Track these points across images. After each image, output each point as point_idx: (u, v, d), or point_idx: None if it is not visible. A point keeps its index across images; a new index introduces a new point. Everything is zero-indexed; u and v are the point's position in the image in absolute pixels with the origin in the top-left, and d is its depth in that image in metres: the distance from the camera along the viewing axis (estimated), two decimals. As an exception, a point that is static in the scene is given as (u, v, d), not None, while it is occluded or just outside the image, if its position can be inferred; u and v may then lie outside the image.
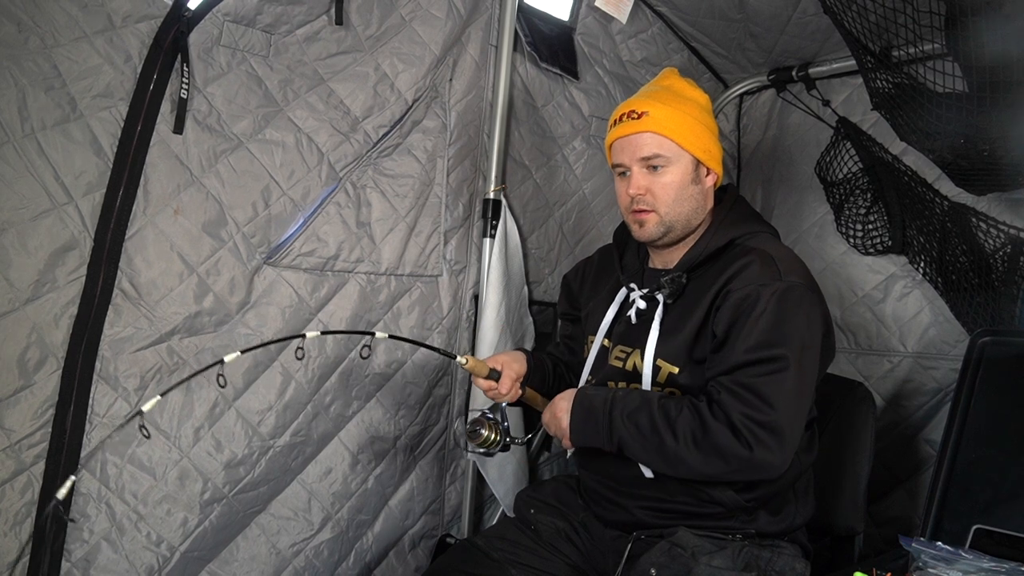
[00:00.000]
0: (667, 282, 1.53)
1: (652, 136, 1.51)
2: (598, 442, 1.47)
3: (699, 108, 1.57)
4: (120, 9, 1.48)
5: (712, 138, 1.57)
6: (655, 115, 1.51)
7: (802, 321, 1.40)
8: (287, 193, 1.76)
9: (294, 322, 1.79)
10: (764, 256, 1.46)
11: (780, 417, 1.33)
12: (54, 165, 1.43)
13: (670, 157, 1.51)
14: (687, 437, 1.37)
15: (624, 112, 1.55)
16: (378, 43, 1.88)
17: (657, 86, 1.62)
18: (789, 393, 1.35)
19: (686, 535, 1.43)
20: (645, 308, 1.57)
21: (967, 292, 2.05)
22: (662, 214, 1.52)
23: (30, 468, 1.46)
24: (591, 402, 1.49)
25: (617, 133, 1.56)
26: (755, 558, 1.43)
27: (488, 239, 2.15)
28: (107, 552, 1.57)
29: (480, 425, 1.60)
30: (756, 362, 1.36)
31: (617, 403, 1.45)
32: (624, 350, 1.59)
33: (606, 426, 1.45)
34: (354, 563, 2.00)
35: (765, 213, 2.71)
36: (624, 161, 1.55)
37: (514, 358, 1.66)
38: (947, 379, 2.16)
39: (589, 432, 1.47)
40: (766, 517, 1.50)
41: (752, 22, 2.31)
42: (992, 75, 1.43)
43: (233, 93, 1.65)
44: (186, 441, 1.65)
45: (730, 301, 1.42)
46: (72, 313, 1.48)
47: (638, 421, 1.42)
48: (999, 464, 1.67)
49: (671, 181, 1.52)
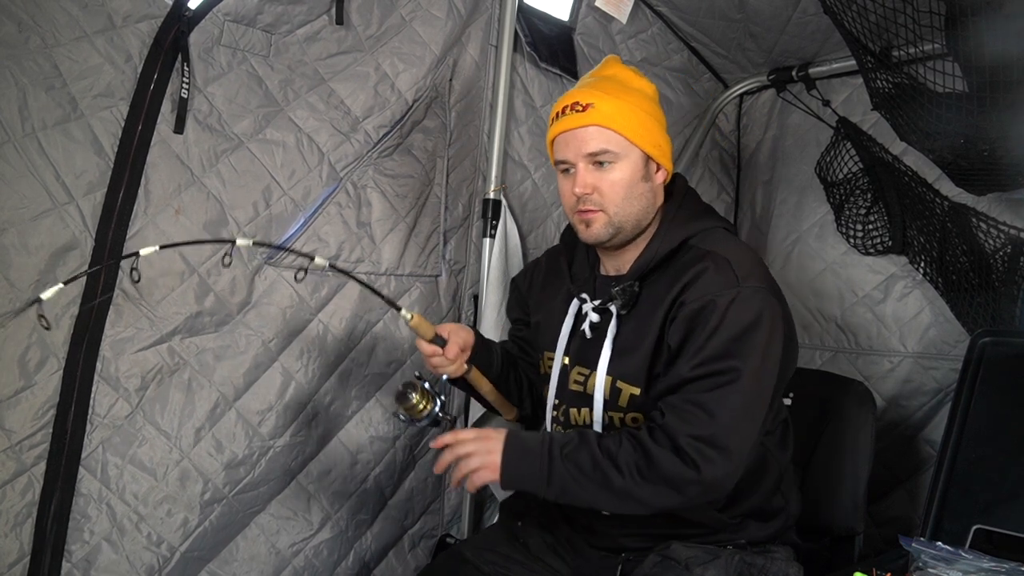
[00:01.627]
0: (618, 293, 1.44)
1: (598, 130, 1.40)
2: (533, 485, 1.33)
3: (647, 100, 1.46)
4: (120, 9, 1.48)
5: (661, 131, 1.47)
6: (601, 107, 1.39)
7: (760, 329, 1.32)
8: (288, 193, 1.76)
9: (294, 322, 1.79)
10: (719, 261, 1.37)
11: (725, 430, 1.27)
12: (55, 165, 1.43)
13: (618, 153, 1.40)
14: (632, 470, 1.29)
15: (567, 104, 1.43)
16: (378, 43, 1.88)
17: (599, 76, 1.49)
18: (738, 406, 1.29)
19: (678, 547, 1.39)
20: (599, 321, 1.48)
21: (967, 292, 2.04)
22: (611, 214, 1.42)
23: (31, 469, 1.46)
24: (525, 443, 1.36)
25: (560, 127, 1.43)
26: (748, 566, 1.40)
27: (488, 239, 2.14)
28: (107, 552, 1.57)
29: (412, 388, 1.47)
30: (705, 375, 1.30)
31: (555, 442, 1.34)
32: (582, 372, 1.50)
33: (545, 465, 1.32)
34: (354, 563, 2.00)
35: (765, 213, 2.71)
36: (568, 157, 1.43)
37: (464, 331, 1.56)
38: (947, 379, 2.16)
39: (524, 473, 1.34)
40: (756, 525, 1.46)
41: (752, 22, 2.31)
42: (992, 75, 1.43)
43: (234, 93, 1.65)
44: (187, 441, 1.65)
45: (684, 313, 1.34)
46: (73, 313, 1.48)
47: (578, 461, 1.31)
48: (999, 464, 1.67)
49: (620, 178, 1.41)
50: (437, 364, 1.53)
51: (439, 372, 1.53)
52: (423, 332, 1.49)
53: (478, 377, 1.61)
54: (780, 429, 1.53)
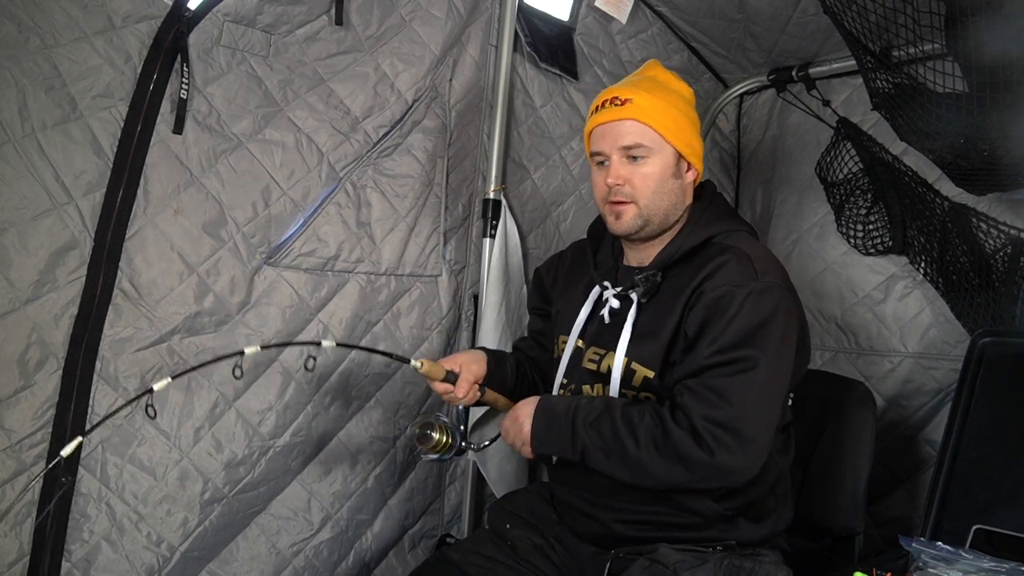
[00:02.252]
0: (641, 280, 1.48)
1: (635, 124, 1.45)
2: (561, 450, 1.43)
3: (684, 101, 1.53)
4: (120, 9, 1.48)
5: (695, 133, 1.52)
6: (639, 103, 1.46)
7: (777, 322, 1.36)
8: (287, 193, 1.76)
9: (294, 322, 1.79)
10: (741, 255, 1.42)
11: (742, 417, 1.30)
12: (54, 165, 1.43)
13: (652, 148, 1.46)
14: (648, 443, 1.34)
15: (607, 98, 1.48)
16: (378, 43, 1.88)
17: (641, 76, 1.57)
18: (755, 394, 1.32)
19: (667, 551, 1.40)
20: (619, 308, 1.52)
21: (968, 292, 2.05)
22: (641, 206, 1.47)
23: (30, 468, 1.46)
24: (554, 409, 1.45)
25: (598, 120, 1.49)
26: (737, 569, 1.40)
27: (488, 239, 2.14)
28: (107, 552, 1.57)
29: (429, 428, 1.54)
30: (724, 363, 1.33)
31: (580, 410, 1.41)
32: (598, 352, 1.54)
33: (569, 433, 1.40)
34: (354, 563, 2.00)
35: (765, 213, 2.71)
36: (604, 149, 1.48)
37: (473, 359, 1.62)
38: (948, 379, 2.16)
39: (552, 439, 1.43)
40: (746, 525, 1.46)
41: (752, 22, 2.31)
42: (992, 75, 1.43)
43: (233, 93, 1.65)
44: (186, 441, 1.65)
45: (703, 301, 1.38)
46: (72, 313, 1.48)
47: (600, 428, 1.38)
48: (999, 465, 1.67)
49: (651, 172, 1.46)
50: (450, 400, 1.59)
51: (455, 404, 1.60)
52: (435, 375, 1.55)
53: (493, 397, 1.65)
54: (783, 434, 1.53)
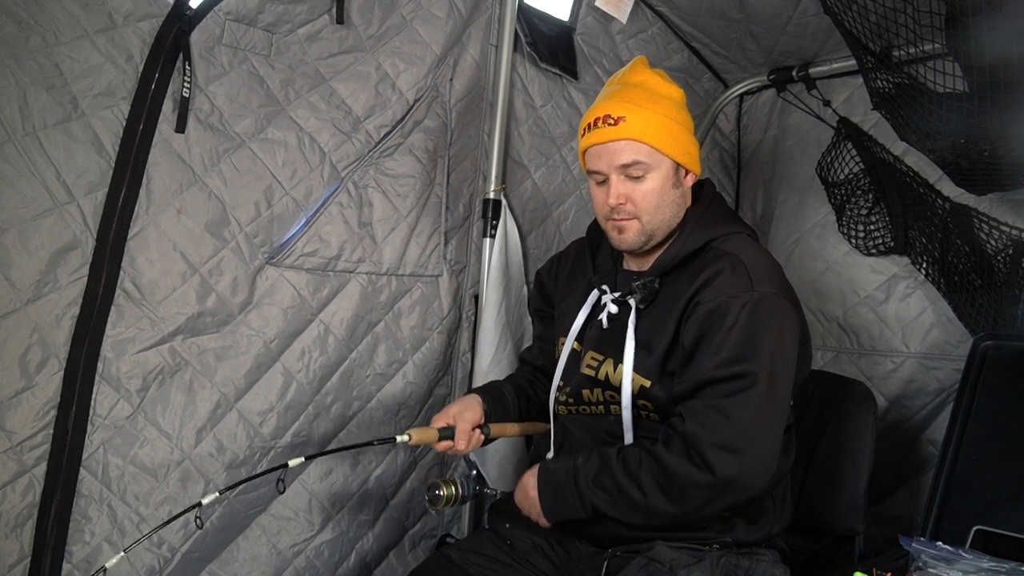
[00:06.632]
0: (639, 287, 1.49)
1: (631, 143, 1.44)
2: (574, 513, 1.44)
3: (675, 106, 1.50)
4: (121, 8, 1.47)
5: (690, 137, 1.51)
6: (633, 121, 1.43)
7: (773, 334, 1.37)
8: (289, 193, 1.76)
9: (296, 323, 1.79)
10: (736, 263, 1.42)
11: (746, 434, 1.32)
12: (56, 164, 1.42)
13: (650, 164, 1.45)
14: (652, 487, 1.36)
15: (600, 116, 1.46)
16: (379, 42, 1.88)
17: (628, 83, 1.52)
18: (755, 410, 1.33)
19: (663, 549, 1.40)
20: (617, 312, 1.53)
21: (970, 293, 2.05)
22: (644, 222, 1.48)
23: (32, 470, 1.45)
24: (554, 477, 1.47)
25: (592, 139, 1.47)
26: (734, 567, 1.41)
27: (488, 239, 2.14)
28: (108, 554, 1.55)
29: (436, 488, 1.57)
30: (723, 379, 1.34)
31: (580, 471, 1.43)
32: (596, 357, 1.54)
33: (576, 497, 1.43)
34: (354, 563, 2.00)
35: (766, 213, 2.71)
36: (602, 169, 1.47)
37: (465, 406, 1.61)
38: (950, 379, 2.16)
39: (561, 506, 1.46)
40: (743, 526, 1.47)
41: (752, 22, 2.31)
42: (992, 75, 1.43)
43: (235, 92, 1.65)
44: (188, 442, 1.65)
45: (699, 313, 1.39)
46: (74, 313, 1.47)
47: (603, 484, 1.40)
48: (1000, 466, 1.67)
49: (652, 188, 1.46)
50: (455, 455, 1.61)
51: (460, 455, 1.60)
52: (429, 440, 1.55)
53: (500, 430, 1.65)
54: (784, 436, 1.53)
